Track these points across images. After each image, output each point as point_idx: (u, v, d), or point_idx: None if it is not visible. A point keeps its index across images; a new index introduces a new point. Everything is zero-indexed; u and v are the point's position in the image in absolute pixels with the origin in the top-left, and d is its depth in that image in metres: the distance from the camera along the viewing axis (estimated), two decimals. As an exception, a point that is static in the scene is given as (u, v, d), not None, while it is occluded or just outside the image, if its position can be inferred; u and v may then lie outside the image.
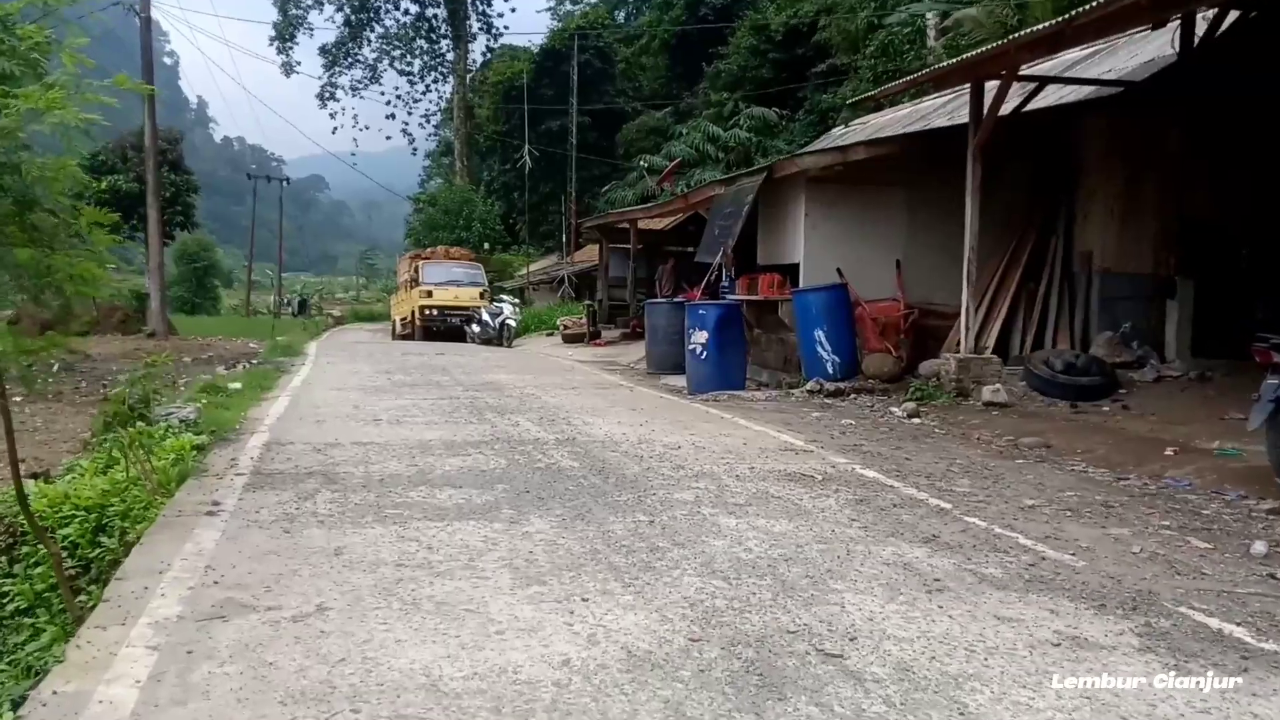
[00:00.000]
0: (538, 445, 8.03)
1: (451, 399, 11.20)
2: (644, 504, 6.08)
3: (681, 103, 49.19)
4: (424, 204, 47.98)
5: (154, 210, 25.81)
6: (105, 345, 23.81)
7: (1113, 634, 4.06)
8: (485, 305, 26.37)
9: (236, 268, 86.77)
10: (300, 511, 5.74)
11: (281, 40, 53.15)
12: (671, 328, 14.59)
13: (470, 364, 16.43)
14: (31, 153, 5.03)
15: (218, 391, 10.88)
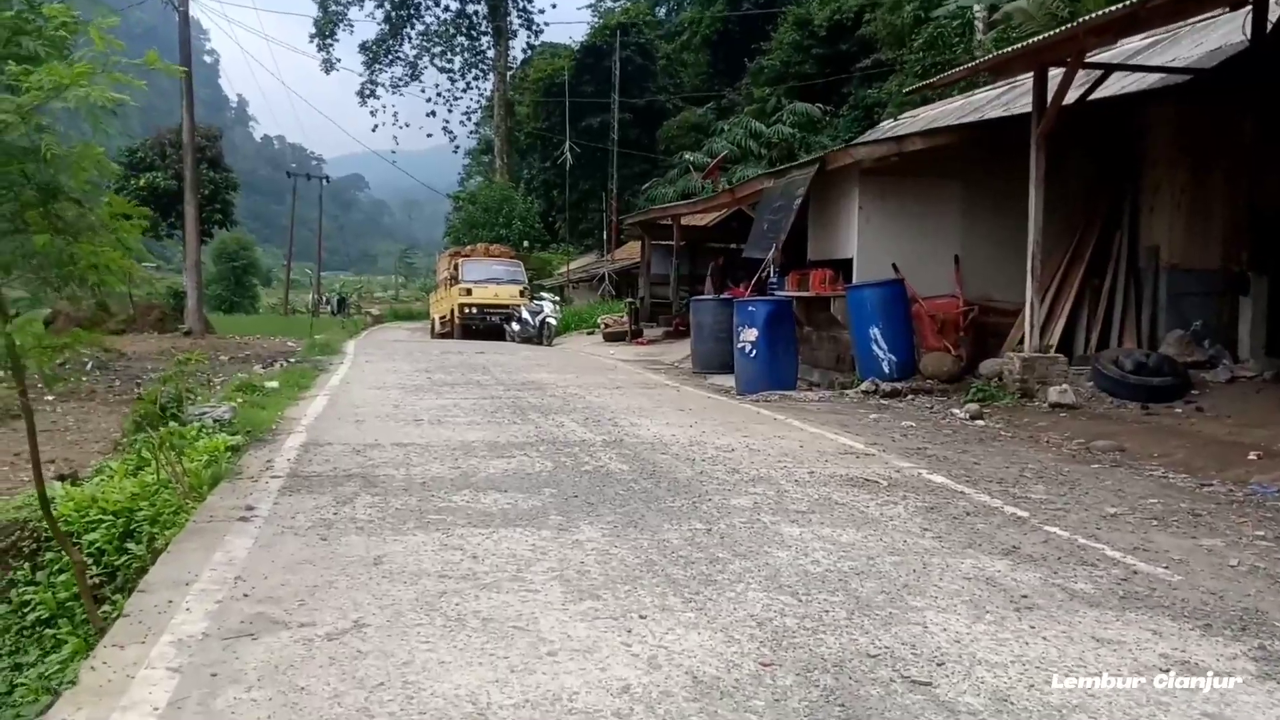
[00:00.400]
0: (584, 447, 7.68)
1: (493, 398, 10.89)
2: (699, 510, 5.70)
3: (723, 99, 48.88)
4: (463, 202, 47.83)
5: (191, 206, 25.73)
6: (141, 343, 23.80)
7: (1224, 658, 3.67)
8: (525, 303, 26.08)
9: (275, 266, 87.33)
10: (338, 517, 5.43)
11: (321, 37, 53.23)
12: (718, 325, 14.21)
13: (511, 363, 16.13)
14: (52, 133, 4.72)
15: (254, 390, 10.63)
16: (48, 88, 4.57)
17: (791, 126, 37.14)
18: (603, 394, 11.48)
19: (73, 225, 5.26)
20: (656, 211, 22.16)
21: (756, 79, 44.00)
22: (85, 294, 5.21)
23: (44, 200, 5.22)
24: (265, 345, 25.63)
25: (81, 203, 5.37)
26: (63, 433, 11.17)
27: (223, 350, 22.72)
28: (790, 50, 41.74)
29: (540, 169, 54.15)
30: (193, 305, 26.06)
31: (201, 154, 37.13)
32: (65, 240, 4.97)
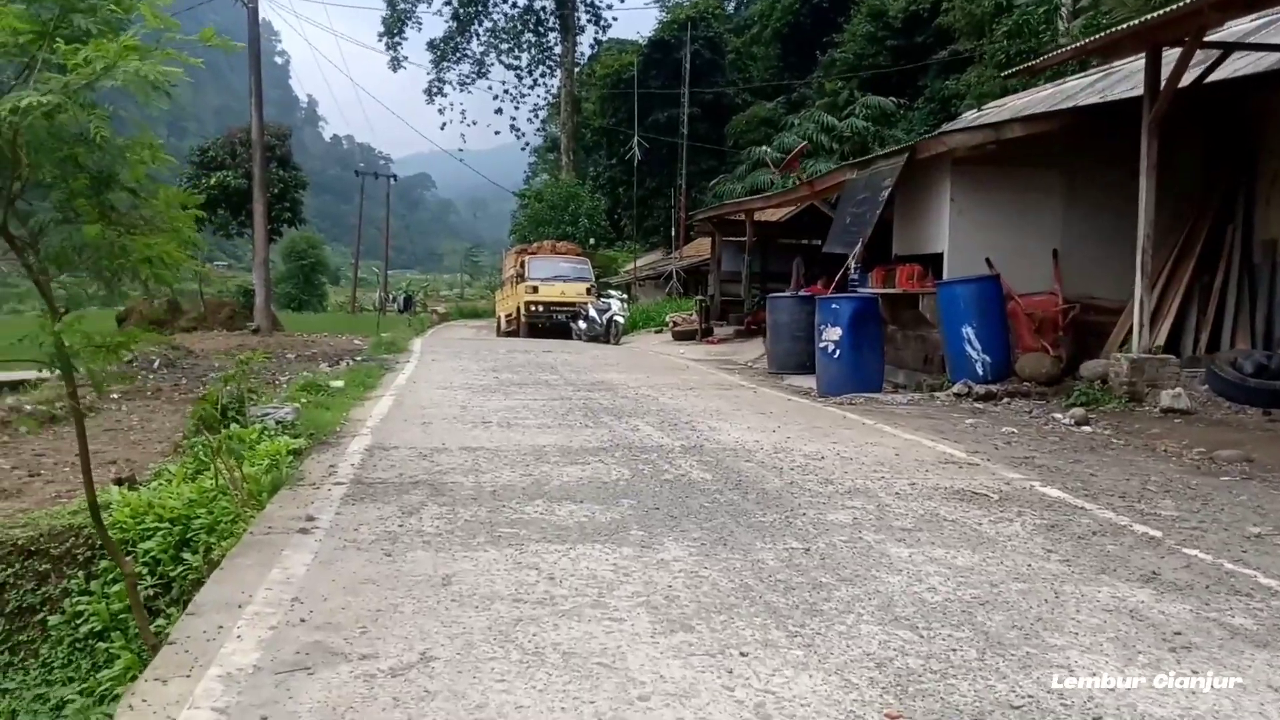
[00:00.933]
0: (662, 453, 7.20)
1: (563, 400, 10.47)
2: (794, 527, 5.19)
3: (794, 92, 48.17)
4: (529, 199, 47.66)
5: (259, 204, 25.74)
6: (209, 341, 23.87)
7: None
8: (592, 301, 25.67)
9: (343, 265, 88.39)
10: (404, 530, 5.02)
11: (390, 35, 53.46)
12: (795, 324, 13.66)
13: (579, 362, 15.73)
14: (102, 114, 4.37)
15: (318, 390, 10.34)
16: (98, 67, 4.22)
17: (865, 120, 36.47)
18: (676, 395, 11.00)
19: (126, 216, 4.94)
20: (729, 206, 21.58)
21: (828, 72, 43.32)
22: (137, 289, 4.84)
23: (97, 190, 4.89)
24: (332, 343, 25.59)
25: (136, 192, 5.05)
26: (126, 432, 11.01)
27: (289, 348, 22.68)
28: (864, 42, 41.03)
29: (606, 166, 53.85)
30: (260, 303, 26.10)
31: (271, 153, 37.34)
32: (117, 232, 4.63)
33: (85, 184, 4.66)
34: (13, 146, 4.39)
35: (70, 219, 4.65)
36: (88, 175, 4.80)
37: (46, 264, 4.80)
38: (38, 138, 4.26)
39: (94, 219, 4.52)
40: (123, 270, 4.67)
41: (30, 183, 4.75)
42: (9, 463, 9.26)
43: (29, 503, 7.64)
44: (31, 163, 4.49)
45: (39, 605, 6.22)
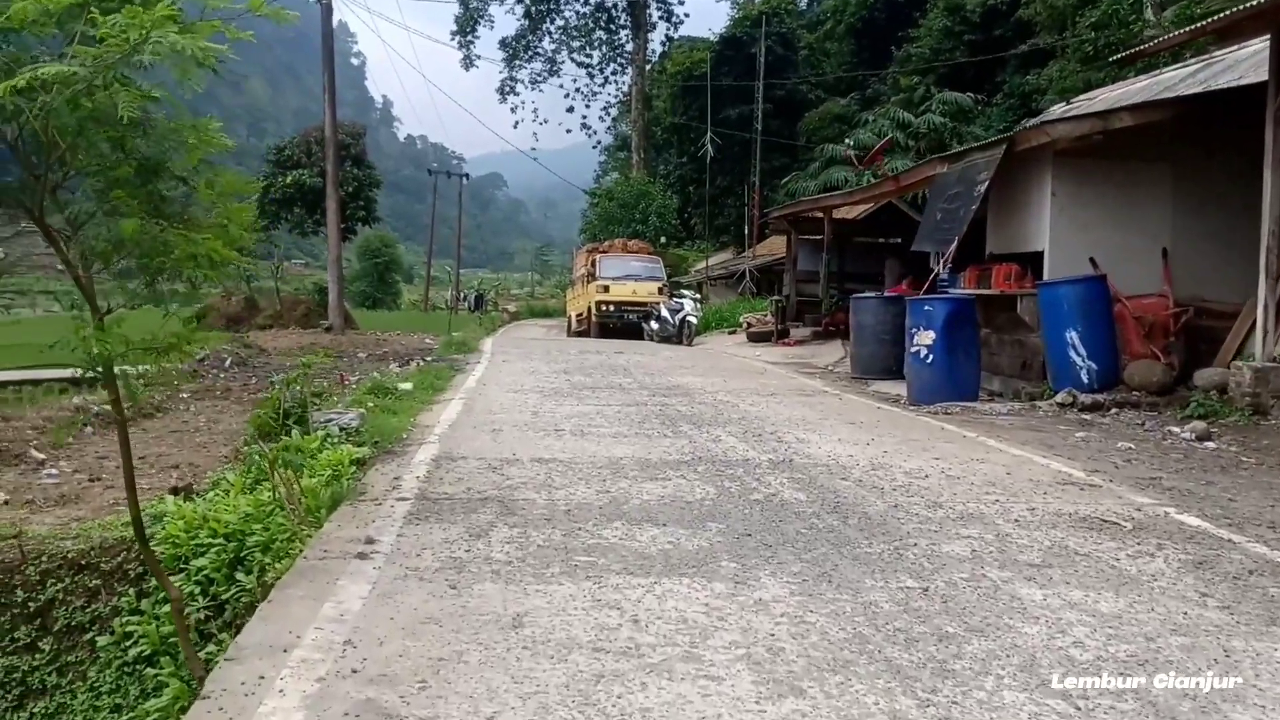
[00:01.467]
0: (749, 469, 6.65)
1: (638, 405, 9.96)
2: (906, 560, 4.62)
3: (868, 88, 47.34)
4: (600, 198, 47.28)
5: (333, 201, 25.66)
6: (282, 339, 23.85)
7: None
8: (664, 301, 25.10)
9: (417, 263, 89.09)
10: (471, 556, 4.55)
11: (462, 34, 53.54)
12: (881, 326, 13.00)
13: (652, 364, 15.22)
14: (132, 91, 3.95)
15: (386, 393, 9.96)
16: (131, 38, 3.80)
17: (941, 116, 35.56)
18: (757, 402, 10.43)
19: (174, 206, 4.53)
20: (807, 203, 20.87)
21: (904, 67, 42.41)
22: (181, 287, 4.43)
23: (144, 178, 4.49)
24: (403, 342, 25.44)
25: (187, 180, 4.64)
26: (192, 433, 10.77)
27: (361, 347, 22.56)
28: (940, 37, 40.15)
29: (676, 164, 53.35)
30: (334, 301, 26.03)
31: (345, 151, 37.51)
32: (159, 226, 4.22)
33: (130, 172, 4.26)
34: (45, 128, 4.01)
35: (113, 211, 4.25)
36: (134, 162, 4.42)
37: (91, 259, 4.42)
38: (68, 120, 3.86)
39: (135, 211, 4.12)
40: (164, 268, 4.26)
41: (72, 170, 4.39)
42: (71, 465, 9.04)
43: (86, 510, 7.35)
44: (71, 146, 4.12)
45: (88, 624, 5.89)
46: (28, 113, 3.85)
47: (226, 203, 4.68)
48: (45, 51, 4.24)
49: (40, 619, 6.01)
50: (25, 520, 6.98)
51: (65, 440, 8.74)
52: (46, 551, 6.10)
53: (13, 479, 8.43)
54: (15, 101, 3.77)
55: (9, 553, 6.12)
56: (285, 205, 41.10)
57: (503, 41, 55.26)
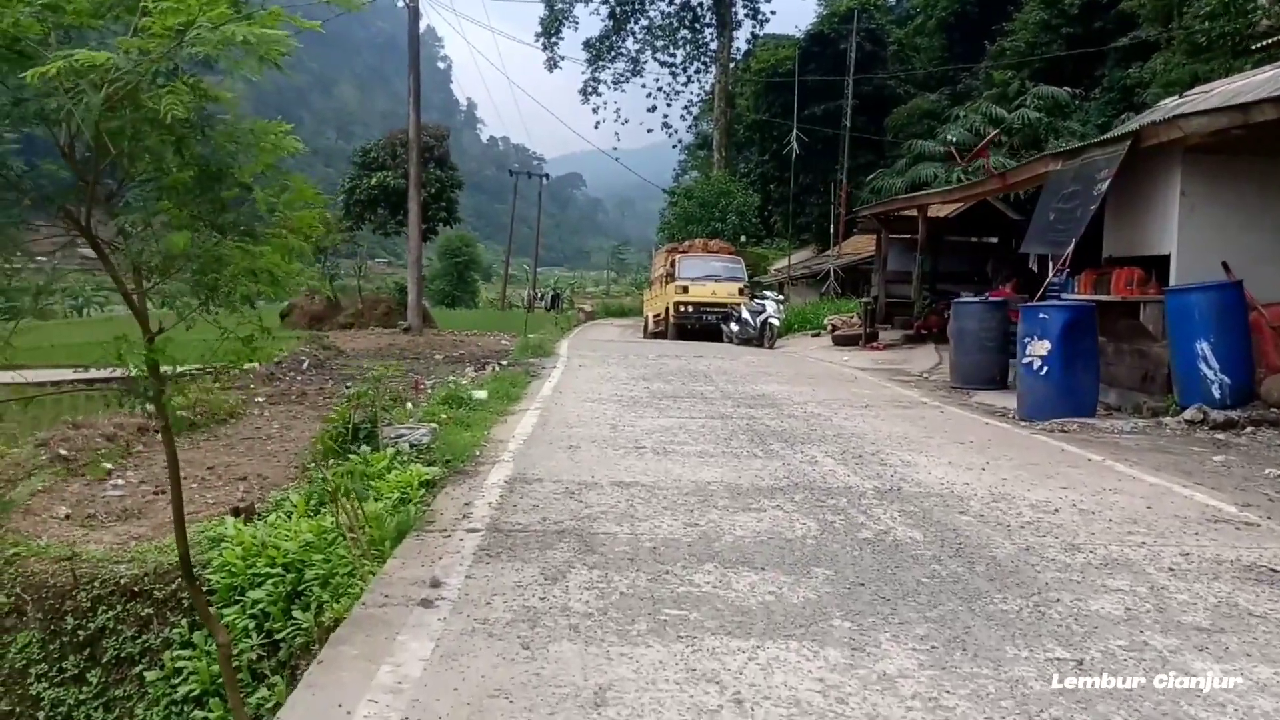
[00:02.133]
0: (853, 498, 6.00)
1: (723, 418, 9.35)
2: (1049, 620, 3.95)
3: (958, 84, 46.05)
4: (679, 197, 46.67)
5: (414, 203, 25.44)
6: (361, 340, 23.71)
7: None
8: (745, 302, 24.37)
9: (496, 262, 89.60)
10: (547, 605, 4.01)
11: (546, 35, 53.37)
12: (984, 333, 12.18)
13: (734, 370, 14.58)
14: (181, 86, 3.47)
15: (460, 403, 9.50)
16: (175, 24, 3.33)
17: (1036, 111, 34.28)
18: (852, 415, 9.74)
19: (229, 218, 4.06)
20: (900, 201, 19.96)
21: (997, 62, 41.04)
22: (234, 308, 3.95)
23: (205, 187, 4.02)
24: (480, 343, 25.17)
25: (251, 188, 4.16)
26: (264, 441, 10.45)
27: (438, 348, 22.30)
28: (1036, 30, 38.78)
29: (758, 162, 52.55)
30: (413, 301, 25.84)
31: (429, 153, 37.53)
32: (215, 239, 3.75)
33: (190, 178, 3.79)
34: (96, 128, 3.57)
35: (167, 224, 3.79)
36: (193, 168, 3.95)
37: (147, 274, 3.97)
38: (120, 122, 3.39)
39: (187, 223, 3.66)
40: (218, 285, 3.78)
41: (128, 178, 3.95)
42: (138, 475, 8.75)
43: (147, 526, 7.01)
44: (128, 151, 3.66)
45: (138, 656, 5.51)
46: (76, 113, 3.40)
47: (291, 211, 4.20)
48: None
49: (89, 649, 5.65)
50: (84, 538, 6.65)
51: (102, 472, 8.40)
52: (99, 576, 5.74)
53: (77, 490, 8.15)
54: (60, 100, 3.34)
55: (61, 576, 5.78)
56: (369, 206, 41.30)
57: (586, 42, 55.03)
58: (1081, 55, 36.28)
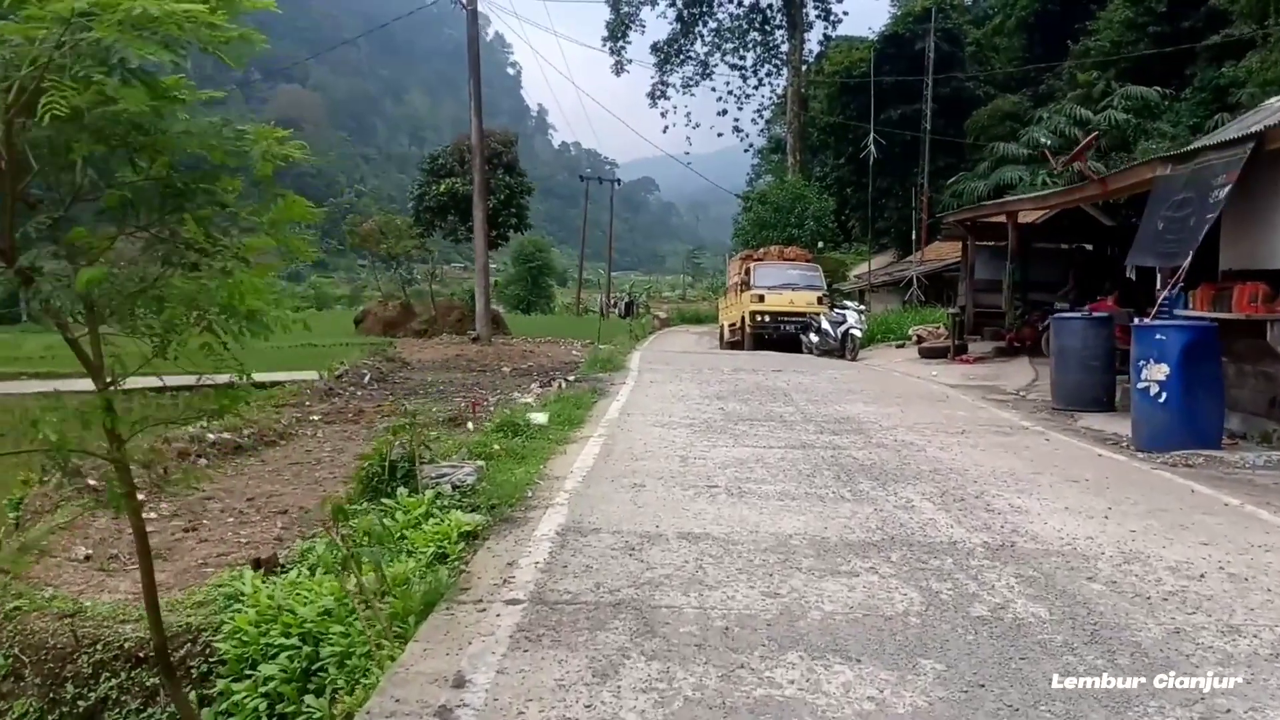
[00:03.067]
0: (960, 558, 5.14)
1: (805, 447, 8.53)
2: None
3: (1040, 85, 44.53)
4: (752, 202, 45.69)
5: (480, 210, 24.89)
6: (427, 350, 23.25)
7: None
8: (825, 312, 23.38)
9: (570, 267, 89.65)
10: (593, 717, 3.26)
11: (613, 39, 52.79)
12: (1088, 350, 11.14)
13: (816, 387, 13.70)
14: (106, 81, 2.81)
15: (516, 431, 8.81)
16: (76, 7, 2.66)
17: (1124, 112, 32.86)
18: (948, 444, 8.83)
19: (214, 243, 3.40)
20: (990, 207, 18.79)
21: (1081, 62, 39.53)
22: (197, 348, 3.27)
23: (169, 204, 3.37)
24: (550, 353, 24.60)
25: (225, 204, 3.50)
26: (312, 466, 9.91)
27: (506, 359, 21.77)
28: (1121, 29, 37.34)
29: (833, 166, 51.42)
30: (480, 310, 25.30)
31: (497, 159, 37.24)
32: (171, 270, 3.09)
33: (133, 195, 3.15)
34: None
35: (74, 253, 3.12)
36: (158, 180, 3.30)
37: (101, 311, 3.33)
38: (41, 133, 2.76)
39: (102, 254, 2.99)
40: (176, 327, 3.11)
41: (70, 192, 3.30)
42: (171, 507, 8.21)
43: (170, 572, 6.43)
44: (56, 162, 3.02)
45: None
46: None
47: (281, 232, 3.53)
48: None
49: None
50: (99, 585, 6.10)
51: (122, 505, 7.86)
52: (102, 638, 5.14)
53: (104, 526, 7.63)
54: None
55: (62, 635, 5.20)
56: (439, 213, 41.23)
57: (654, 46, 54.33)
58: (1170, 54, 34.85)
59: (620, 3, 51.76)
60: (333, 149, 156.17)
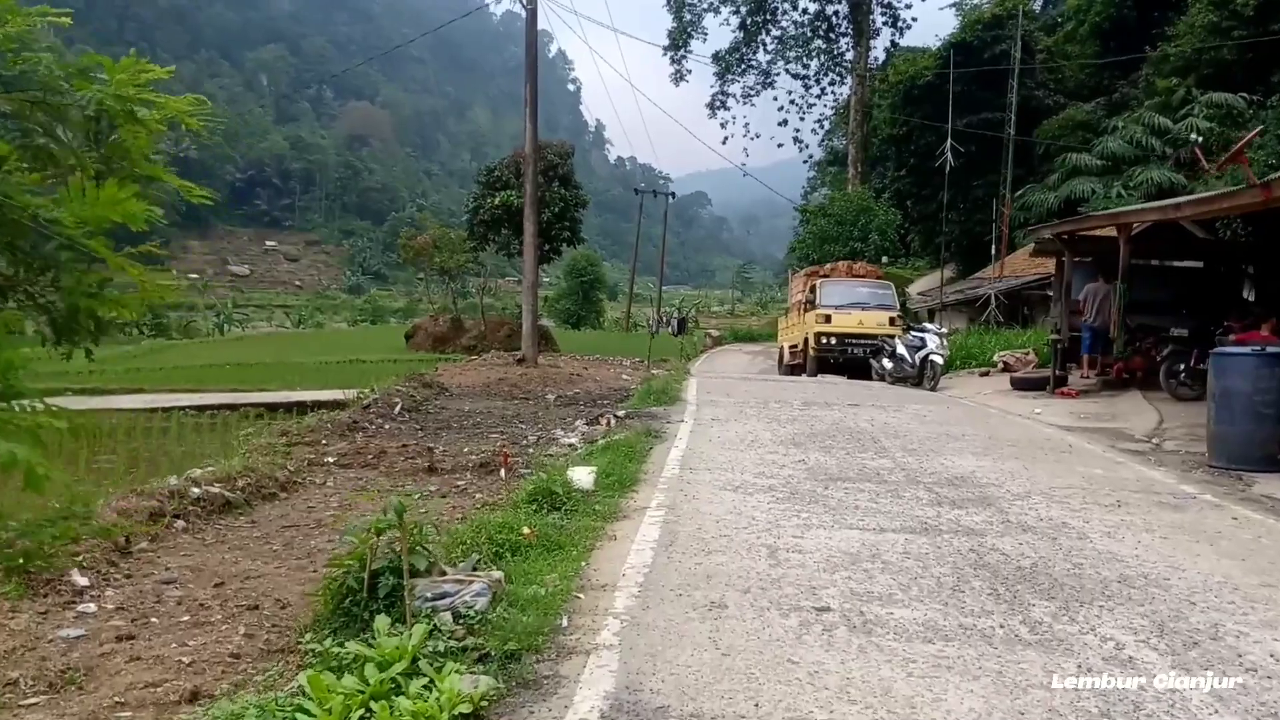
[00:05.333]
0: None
1: (927, 531, 6.54)
2: None
3: (1114, 93, 42.28)
4: (813, 215, 43.62)
5: (531, 224, 23.03)
6: (470, 372, 21.49)
7: None
8: (900, 334, 21.17)
9: (621, 280, 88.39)
10: None
11: (674, 48, 51.14)
12: (1261, 395, 9.03)
13: (906, 429, 11.67)
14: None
15: (552, 502, 6.91)
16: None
17: (1207, 120, 30.80)
18: (1112, 525, 6.79)
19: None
20: (1099, 219, 16.43)
21: (1159, 69, 37.29)
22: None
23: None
24: (599, 376, 22.77)
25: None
26: (311, 531, 8.08)
27: (552, 383, 19.96)
28: (1203, 34, 35.09)
29: (893, 178, 49.40)
30: (527, 330, 23.41)
31: (553, 171, 35.73)
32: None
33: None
34: None
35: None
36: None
37: None
38: None
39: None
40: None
41: None
42: (119, 596, 6.41)
43: (86, 706, 4.63)
44: None
45: None
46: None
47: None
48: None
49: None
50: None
51: (20, 593, 6.00)
52: None
53: (25, 622, 5.84)
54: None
55: None
56: (493, 226, 39.52)
57: (716, 55, 52.58)
58: (1254, 60, 32.68)
59: (683, 9, 50.00)
60: (398, 164, 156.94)
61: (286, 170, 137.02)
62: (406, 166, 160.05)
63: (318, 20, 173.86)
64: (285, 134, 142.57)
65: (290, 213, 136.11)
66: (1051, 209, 34.17)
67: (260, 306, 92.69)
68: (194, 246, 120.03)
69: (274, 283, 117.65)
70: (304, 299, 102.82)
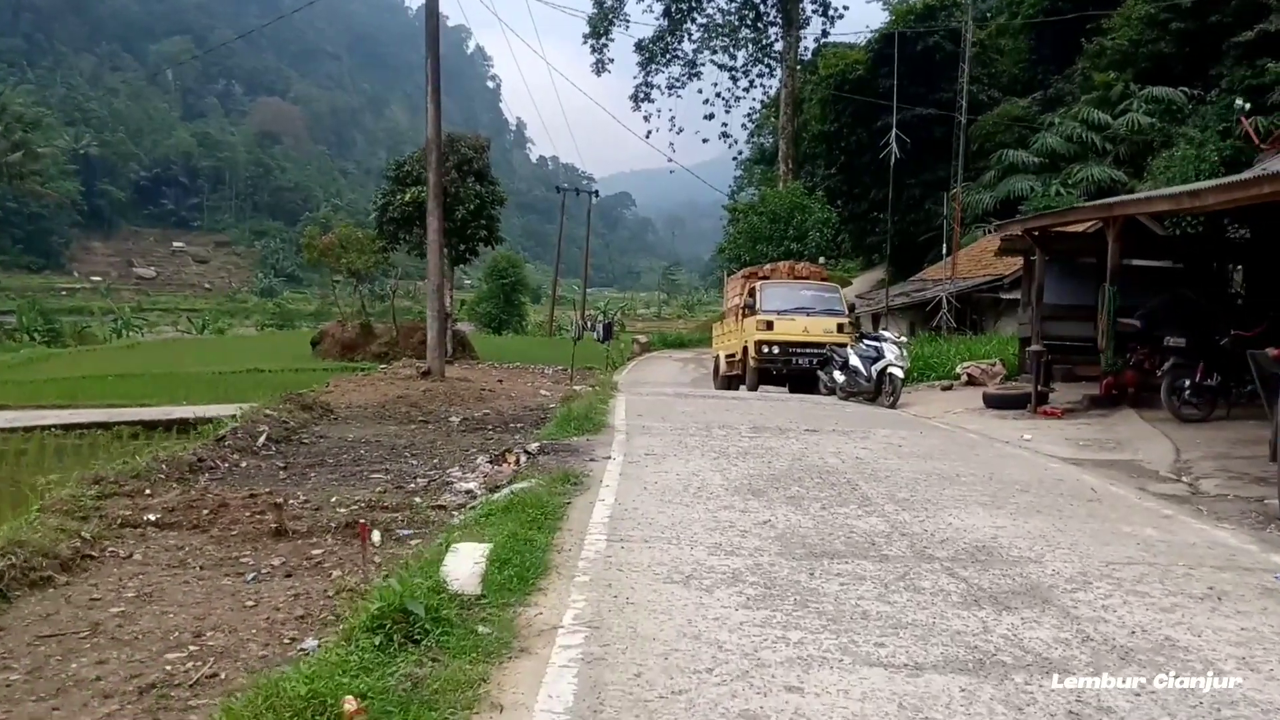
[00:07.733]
0: None
1: (980, 663, 4.35)
2: None
3: (1050, 88, 41.48)
4: (744, 213, 41.65)
5: (434, 216, 20.37)
6: (365, 388, 18.86)
7: None
8: (851, 344, 19.01)
9: (545, 283, 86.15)
10: None
11: (595, 36, 48.85)
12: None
13: (889, 469, 9.49)
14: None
15: (408, 634, 4.52)
16: None
17: (1147, 115, 29.91)
18: (1236, 635, 4.69)
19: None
20: (1088, 210, 14.48)
21: (1096, 63, 36.38)
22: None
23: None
24: (515, 391, 20.35)
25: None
26: (83, 648, 5.54)
27: (459, 402, 17.51)
28: (1140, 26, 34.55)
29: (823, 176, 47.85)
30: (432, 341, 20.74)
31: (468, 165, 33.27)
32: None
33: None
34: None
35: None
36: None
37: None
38: None
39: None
40: None
41: None
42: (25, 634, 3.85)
43: None
44: None
45: None
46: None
47: None
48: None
49: None
50: None
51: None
52: None
53: None
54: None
55: None
56: (403, 224, 36.71)
57: (639, 44, 50.45)
58: (1193, 53, 31.89)
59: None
60: (312, 162, 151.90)
61: (195, 168, 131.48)
62: (321, 165, 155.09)
63: (227, 12, 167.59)
64: (193, 130, 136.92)
65: (199, 213, 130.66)
66: (988, 209, 32.92)
67: (166, 310, 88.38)
68: (97, 248, 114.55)
69: (182, 285, 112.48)
70: (213, 302, 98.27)
